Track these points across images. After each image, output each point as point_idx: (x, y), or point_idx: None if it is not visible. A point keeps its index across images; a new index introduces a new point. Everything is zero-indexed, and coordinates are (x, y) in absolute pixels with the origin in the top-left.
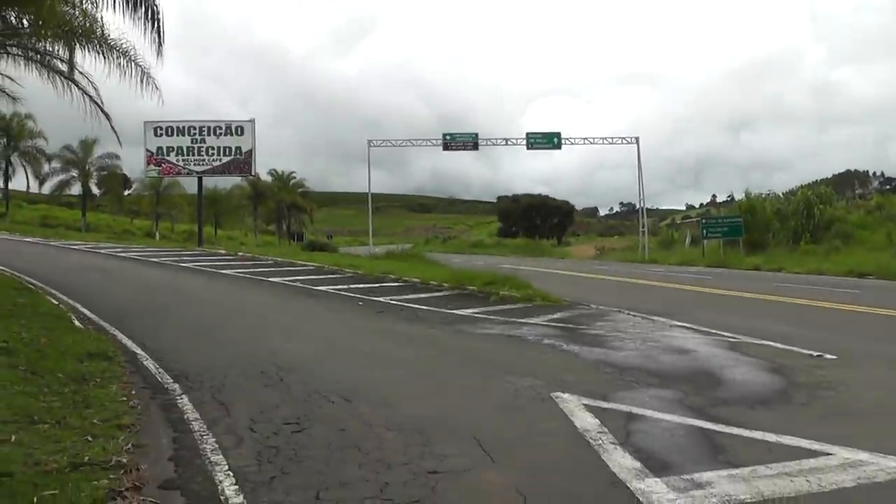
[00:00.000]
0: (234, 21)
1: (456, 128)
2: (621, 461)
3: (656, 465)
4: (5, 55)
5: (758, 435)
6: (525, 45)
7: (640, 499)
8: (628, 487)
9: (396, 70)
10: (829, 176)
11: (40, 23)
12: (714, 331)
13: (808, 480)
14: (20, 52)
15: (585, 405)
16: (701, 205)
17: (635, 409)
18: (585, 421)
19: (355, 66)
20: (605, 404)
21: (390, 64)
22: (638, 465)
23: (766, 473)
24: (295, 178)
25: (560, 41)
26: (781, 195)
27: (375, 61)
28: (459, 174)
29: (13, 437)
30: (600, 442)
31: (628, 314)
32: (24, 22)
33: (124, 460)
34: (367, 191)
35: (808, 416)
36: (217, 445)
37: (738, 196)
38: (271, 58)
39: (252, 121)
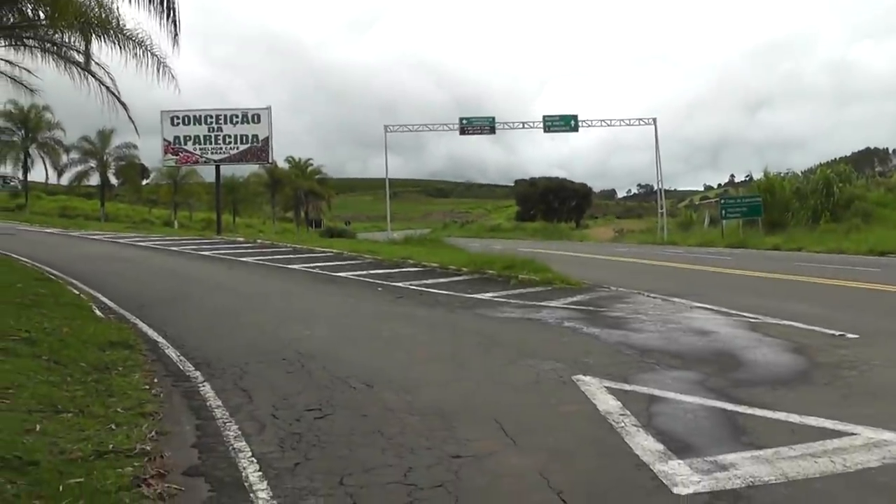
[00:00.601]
0: (246, 9)
1: (472, 111)
2: (644, 443)
3: (679, 448)
4: (22, 46)
5: (780, 416)
6: (540, 27)
7: (664, 481)
8: (652, 470)
9: (410, 55)
10: (849, 154)
11: (56, 14)
12: (734, 312)
13: (832, 461)
14: (37, 44)
15: (607, 388)
16: (719, 185)
17: (657, 392)
18: (607, 403)
19: (369, 52)
20: (626, 387)
21: (404, 49)
22: (661, 447)
23: (790, 455)
24: (312, 164)
25: (575, 23)
26: (800, 174)
27: (389, 46)
28: (476, 158)
29: (38, 427)
30: (623, 424)
31: (648, 296)
32: (41, 13)
33: (148, 448)
34: (385, 176)
35: (830, 396)
36: (240, 432)
37: (757, 176)
38: (285, 45)
39: (268, 108)
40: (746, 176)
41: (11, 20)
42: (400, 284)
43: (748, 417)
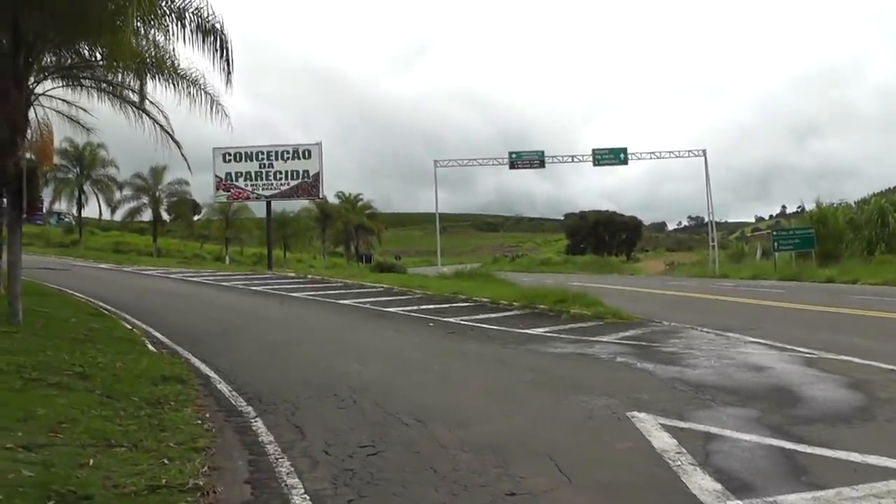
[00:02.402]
0: (292, 44)
1: (518, 143)
2: (701, 483)
3: (737, 487)
4: (79, 86)
5: (841, 454)
6: (584, 60)
7: None
8: None
9: (456, 88)
10: None
11: (113, 56)
12: (790, 346)
13: None
14: (93, 84)
15: (662, 424)
16: (770, 216)
17: (713, 429)
18: (663, 441)
19: (415, 85)
20: (682, 424)
21: (450, 82)
22: (719, 486)
23: (853, 495)
24: (362, 199)
25: (619, 53)
26: (853, 204)
27: (435, 80)
28: (524, 191)
29: (91, 461)
30: (679, 463)
31: (701, 331)
32: (98, 55)
33: (201, 483)
34: (435, 211)
35: (893, 434)
36: (293, 468)
37: (809, 206)
38: (331, 79)
39: (319, 144)
40: (798, 207)
41: (69, 61)
42: (451, 320)
43: (807, 456)
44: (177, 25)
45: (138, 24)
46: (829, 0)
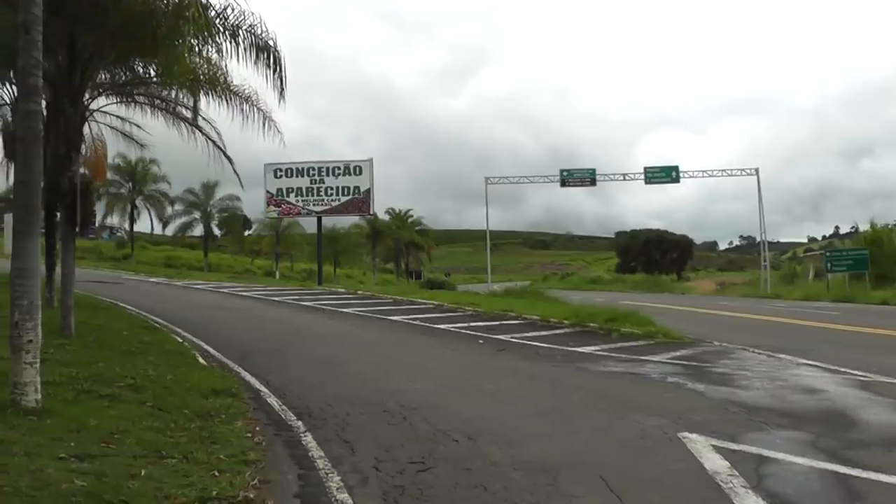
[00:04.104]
0: (342, 60)
1: (567, 161)
2: None
3: None
4: (133, 103)
5: None
6: (636, 77)
7: None
8: None
9: (506, 105)
10: None
11: (168, 73)
12: (844, 369)
13: None
14: (147, 101)
15: (714, 446)
16: (823, 237)
17: (766, 452)
18: (715, 463)
19: (464, 102)
20: (734, 446)
21: (499, 99)
22: None
23: None
24: (412, 216)
25: (669, 70)
26: None
27: (484, 96)
28: (573, 209)
29: (143, 472)
30: (731, 485)
31: (753, 352)
32: (152, 72)
33: (251, 496)
34: (485, 228)
35: None
36: (342, 483)
37: (863, 227)
38: (381, 96)
39: (370, 160)
40: (852, 227)
41: (124, 78)
42: (501, 337)
43: (863, 481)
44: (230, 43)
45: (193, 41)
46: (882, 16)
